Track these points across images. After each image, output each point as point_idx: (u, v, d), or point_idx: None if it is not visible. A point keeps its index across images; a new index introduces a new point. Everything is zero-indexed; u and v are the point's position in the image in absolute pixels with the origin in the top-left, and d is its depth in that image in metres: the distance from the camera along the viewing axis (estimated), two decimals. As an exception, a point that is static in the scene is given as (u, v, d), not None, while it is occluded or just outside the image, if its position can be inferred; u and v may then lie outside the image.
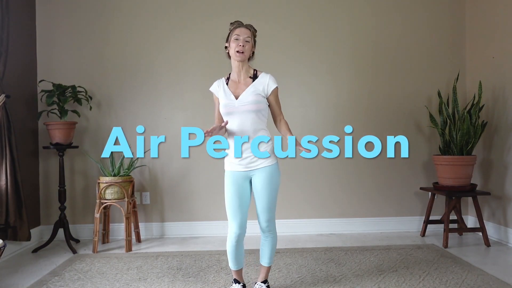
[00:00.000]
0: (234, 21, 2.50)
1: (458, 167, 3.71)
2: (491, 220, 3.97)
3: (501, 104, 3.82)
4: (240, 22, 2.50)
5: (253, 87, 2.46)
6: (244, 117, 2.42)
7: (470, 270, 3.02)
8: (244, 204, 2.48)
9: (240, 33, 2.44)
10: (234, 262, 2.56)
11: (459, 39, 4.32)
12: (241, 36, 2.43)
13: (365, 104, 4.26)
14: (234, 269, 2.59)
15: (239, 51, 2.42)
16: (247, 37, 2.44)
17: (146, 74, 4.17)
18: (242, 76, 2.51)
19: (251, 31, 2.48)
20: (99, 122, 4.15)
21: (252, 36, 2.47)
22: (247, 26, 2.48)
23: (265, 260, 2.59)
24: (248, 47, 2.45)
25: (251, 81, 2.49)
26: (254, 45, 2.52)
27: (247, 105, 2.42)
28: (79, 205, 4.16)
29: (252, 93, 2.43)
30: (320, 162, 4.23)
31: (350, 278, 2.92)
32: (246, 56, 2.45)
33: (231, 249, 2.52)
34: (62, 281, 2.93)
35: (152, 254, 3.55)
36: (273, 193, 2.46)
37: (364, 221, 4.27)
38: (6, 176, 3.38)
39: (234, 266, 2.57)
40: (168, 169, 4.19)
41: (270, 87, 2.47)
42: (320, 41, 4.23)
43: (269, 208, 2.46)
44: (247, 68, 2.52)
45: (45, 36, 4.11)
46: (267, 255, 2.57)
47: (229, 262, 2.58)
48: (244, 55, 2.44)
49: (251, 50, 2.49)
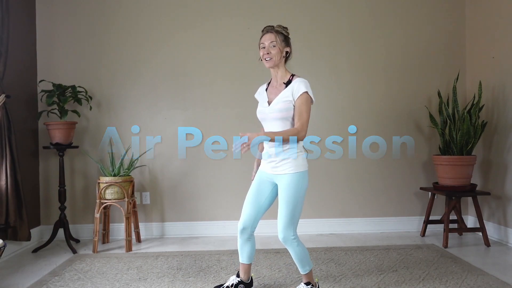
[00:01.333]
0: (263, 28, 2.48)
1: (458, 167, 3.71)
2: (491, 220, 3.97)
3: (501, 104, 3.82)
4: (266, 28, 2.46)
5: (284, 94, 2.43)
6: (273, 124, 2.43)
7: (470, 270, 3.02)
8: (256, 202, 2.51)
9: (264, 40, 2.43)
10: (239, 253, 2.62)
11: (459, 39, 4.32)
12: (266, 42, 2.42)
13: (365, 105, 4.26)
14: (240, 260, 2.64)
15: (265, 58, 2.42)
16: (271, 42, 2.41)
17: (146, 74, 4.17)
18: (278, 81, 2.50)
19: (276, 33, 2.42)
20: (99, 122, 4.15)
21: (278, 39, 2.41)
22: (271, 30, 2.44)
23: (299, 269, 2.53)
24: (275, 51, 2.41)
25: (284, 86, 2.45)
26: (286, 45, 2.46)
27: (274, 113, 2.41)
28: (79, 205, 4.16)
29: (281, 100, 2.41)
30: (320, 162, 4.23)
31: (350, 278, 2.92)
32: (274, 61, 2.42)
33: (238, 240, 2.59)
34: (62, 281, 2.93)
35: (152, 254, 3.55)
36: (289, 203, 2.37)
37: (364, 221, 4.27)
38: (6, 176, 3.38)
39: (239, 257, 2.63)
40: (168, 169, 4.19)
41: (297, 92, 2.38)
42: (320, 41, 4.23)
43: (283, 217, 2.39)
44: (283, 73, 2.49)
45: (45, 36, 4.11)
46: (297, 264, 2.51)
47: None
48: (272, 61, 2.42)
49: (281, 53, 2.43)
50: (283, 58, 2.47)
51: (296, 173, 2.39)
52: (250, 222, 2.52)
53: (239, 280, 2.64)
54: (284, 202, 2.39)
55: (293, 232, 2.41)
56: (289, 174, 2.39)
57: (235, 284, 2.63)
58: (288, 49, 2.48)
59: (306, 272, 2.51)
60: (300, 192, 2.40)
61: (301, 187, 2.40)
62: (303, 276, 2.54)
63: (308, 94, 2.39)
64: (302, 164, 2.41)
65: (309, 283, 2.53)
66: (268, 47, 2.41)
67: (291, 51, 2.50)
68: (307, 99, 2.39)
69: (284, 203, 2.39)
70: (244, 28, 4.14)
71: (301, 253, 2.45)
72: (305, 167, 2.43)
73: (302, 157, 2.42)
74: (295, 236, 2.42)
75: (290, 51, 2.49)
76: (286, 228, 2.39)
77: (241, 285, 2.63)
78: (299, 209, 2.41)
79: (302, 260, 2.47)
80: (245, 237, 2.56)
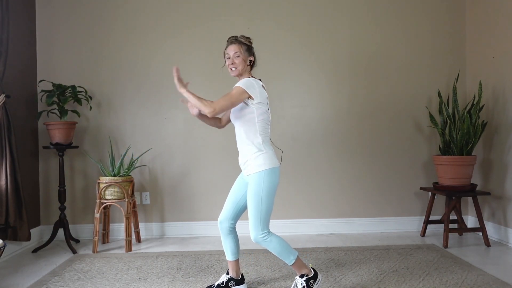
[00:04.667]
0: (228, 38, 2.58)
1: (458, 167, 3.71)
2: (491, 220, 3.97)
3: (501, 104, 3.82)
4: (230, 39, 2.56)
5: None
6: (236, 124, 2.55)
7: (470, 270, 3.02)
8: (232, 200, 2.64)
9: (229, 50, 2.53)
10: (224, 249, 2.71)
11: (459, 39, 4.32)
12: (230, 53, 2.53)
13: (365, 104, 4.25)
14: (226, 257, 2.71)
15: (231, 68, 2.53)
16: (235, 53, 2.51)
17: (146, 74, 4.17)
18: None
19: (240, 44, 2.52)
20: (99, 122, 4.15)
21: (241, 49, 2.51)
22: (235, 41, 2.53)
23: (285, 262, 2.55)
24: (239, 61, 2.51)
25: None
26: (250, 54, 2.55)
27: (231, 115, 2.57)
28: (79, 205, 4.16)
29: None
30: (320, 162, 4.23)
31: (350, 278, 2.92)
32: (239, 70, 2.53)
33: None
34: (62, 281, 2.93)
35: (152, 254, 3.55)
36: (252, 203, 2.42)
37: (364, 221, 4.27)
38: (6, 176, 3.38)
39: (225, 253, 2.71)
40: (168, 169, 4.19)
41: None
42: (319, 41, 4.23)
43: (250, 216, 2.44)
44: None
45: (45, 36, 4.11)
46: (280, 258, 2.54)
47: None
48: (237, 70, 2.53)
49: (244, 63, 2.53)
50: (247, 67, 2.56)
51: (256, 173, 2.44)
52: (226, 217, 2.63)
53: (229, 277, 2.68)
54: (249, 202, 2.45)
55: (262, 230, 2.42)
56: (251, 175, 2.46)
57: (226, 281, 2.67)
58: (252, 58, 2.57)
59: (292, 262, 2.50)
60: (262, 190, 2.42)
61: (262, 185, 2.42)
62: (293, 267, 2.54)
63: (239, 87, 2.43)
64: (263, 163, 2.43)
65: (302, 275, 2.53)
66: (232, 58, 2.51)
67: (255, 60, 2.60)
68: (237, 89, 2.42)
69: (249, 203, 2.46)
70: (244, 28, 4.13)
71: (278, 246, 2.46)
72: (266, 165, 2.43)
73: (262, 156, 2.45)
74: (265, 234, 2.43)
75: (254, 60, 2.59)
76: (254, 228, 2.43)
77: (232, 281, 2.68)
78: (264, 207, 2.42)
79: (283, 253, 2.48)
80: (224, 232, 2.66)
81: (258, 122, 2.48)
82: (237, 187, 2.65)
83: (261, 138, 2.48)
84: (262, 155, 2.45)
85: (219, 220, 2.66)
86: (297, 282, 2.54)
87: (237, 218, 2.67)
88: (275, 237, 2.47)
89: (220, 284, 2.67)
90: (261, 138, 2.48)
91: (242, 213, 2.67)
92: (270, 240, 2.44)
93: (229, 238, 2.66)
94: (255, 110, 2.46)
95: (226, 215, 2.64)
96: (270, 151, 2.49)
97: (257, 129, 2.47)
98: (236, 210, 2.63)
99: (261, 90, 2.49)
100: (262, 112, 2.48)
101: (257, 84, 2.48)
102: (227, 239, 2.67)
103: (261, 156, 2.44)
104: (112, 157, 3.86)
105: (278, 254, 2.48)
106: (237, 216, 2.66)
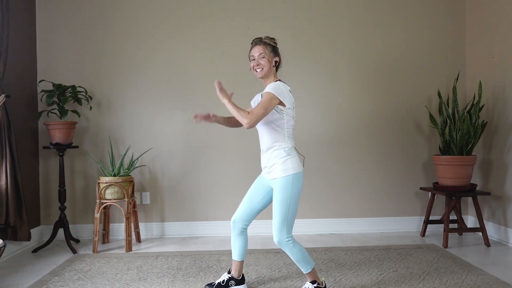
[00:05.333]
0: (253, 40, 2.56)
1: (458, 167, 3.71)
2: (491, 220, 3.97)
3: (501, 104, 3.82)
4: (255, 41, 2.54)
5: (258, 98, 2.56)
6: (260, 129, 2.53)
7: (470, 270, 3.02)
8: (249, 201, 2.61)
9: (254, 52, 2.52)
10: (232, 249, 2.70)
11: (459, 39, 4.32)
12: (255, 54, 2.51)
13: (365, 104, 4.25)
14: (232, 257, 2.71)
15: (256, 69, 2.51)
16: (260, 54, 2.49)
17: (146, 74, 4.17)
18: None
19: (264, 45, 2.50)
20: (99, 122, 4.15)
21: (266, 50, 2.49)
22: (259, 42, 2.52)
23: (302, 269, 2.55)
24: (264, 62, 2.49)
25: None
26: (275, 55, 2.53)
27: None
28: (79, 205, 4.16)
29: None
30: (320, 162, 4.23)
31: (350, 278, 2.92)
32: (265, 71, 2.50)
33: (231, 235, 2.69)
34: (62, 281, 2.93)
35: (152, 254, 3.55)
36: (280, 207, 2.42)
37: (364, 221, 4.27)
38: (6, 176, 3.38)
39: (232, 254, 2.70)
40: (168, 169, 4.19)
41: (264, 92, 2.46)
42: (319, 41, 4.23)
43: (275, 220, 2.44)
44: (271, 82, 2.54)
45: (45, 36, 4.11)
46: (298, 265, 2.54)
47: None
48: (263, 71, 2.50)
49: (270, 64, 2.50)
50: (273, 68, 2.54)
51: (284, 177, 2.43)
52: (240, 217, 2.62)
53: (229, 276, 2.69)
54: (276, 206, 2.44)
55: (287, 234, 2.44)
56: (278, 178, 2.44)
57: (226, 280, 2.69)
58: (277, 58, 2.55)
59: (308, 271, 2.53)
60: (290, 195, 2.43)
61: (290, 190, 2.43)
62: (307, 275, 2.55)
63: (271, 93, 2.40)
64: (292, 167, 2.44)
65: (314, 281, 2.54)
66: (257, 59, 2.50)
67: (280, 60, 2.58)
68: (268, 96, 2.39)
69: (276, 207, 2.45)
70: (244, 28, 4.14)
71: (299, 253, 2.48)
72: (294, 169, 2.44)
73: (290, 160, 2.45)
74: (290, 238, 2.45)
75: (279, 60, 2.57)
76: (279, 231, 2.43)
77: (232, 281, 2.69)
78: (291, 211, 2.44)
79: (302, 261, 2.49)
80: (236, 232, 2.64)
81: (287, 128, 2.48)
82: (255, 189, 2.63)
83: (290, 143, 2.49)
84: (290, 159, 2.45)
85: (233, 219, 2.64)
86: (307, 287, 2.54)
87: (251, 220, 2.65)
88: (298, 243, 2.49)
89: (220, 283, 2.68)
90: (290, 143, 2.49)
91: (256, 215, 2.66)
92: (294, 246, 2.46)
93: (240, 238, 2.65)
94: (285, 116, 2.46)
95: (241, 215, 2.62)
96: (296, 155, 2.50)
97: (286, 134, 2.48)
98: (252, 212, 2.62)
99: (289, 95, 2.48)
100: (290, 118, 2.49)
101: (286, 89, 2.46)
102: (238, 239, 2.65)
103: (289, 161, 2.44)
104: (112, 157, 3.87)
105: (297, 260, 2.49)
106: (252, 218, 2.65)
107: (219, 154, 4.18)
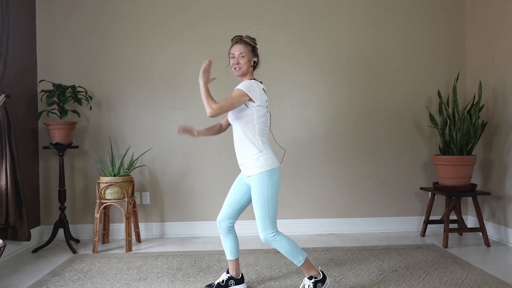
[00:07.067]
0: (232, 37, 2.58)
1: (458, 167, 3.71)
2: (491, 220, 3.97)
3: (501, 104, 3.82)
4: (235, 39, 2.56)
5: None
6: (234, 125, 2.57)
7: (470, 270, 3.02)
8: (231, 200, 2.65)
9: (234, 50, 2.55)
10: (224, 248, 2.74)
11: (459, 39, 4.32)
12: (235, 53, 2.54)
13: (365, 104, 4.25)
14: (226, 257, 2.73)
15: (235, 68, 2.54)
16: (240, 53, 2.52)
17: (146, 74, 4.17)
18: None
19: (245, 44, 2.53)
20: (99, 122, 4.15)
21: (246, 49, 2.52)
22: (240, 41, 2.54)
23: (294, 262, 2.56)
24: (244, 61, 2.52)
25: None
26: (254, 55, 2.56)
27: (230, 115, 2.58)
28: (79, 205, 4.16)
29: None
30: (320, 162, 4.23)
31: (350, 278, 2.92)
32: (243, 70, 2.54)
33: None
34: (62, 281, 2.93)
35: (152, 254, 3.55)
36: (258, 203, 2.45)
37: (364, 221, 4.27)
38: (6, 176, 3.38)
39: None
40: (168, 169, 4.19)
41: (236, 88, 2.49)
42: (319, 41, 4.23)
43: (257, 218, 2.47)
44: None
45: (45, 36, 4.11)
46: (289, 258, 2.55)
47: None
48: (241, 70, 2.54)
49: (249, 63, 2.54)
50: (251, 68, 2.58)
51: (259, 174, 2.45)
52: (224, 216, 2.66)
53: (229, 276, 2.70)
54: (255, 203, 2.47)
55: (271, 230, 2.45)
56: (253, 176, 2.47)
57: (225, 280, 2.69)
58: (256, 59, 2.59)
59: (301, 263, 2.52)
60: (267, 191, 2.44)
61: (266, 186, 2.44)
62: (302, 268, 2.55)
63: (241, 90, 2.43)
64: (264, 164, 2.45)
65: (311, 276, 2.54)
66: (237, 58, 2.53)
67: (258, 61, 2.61)
68: (238, 92, 2.43)
69: (255, 204, 2.47)
70: (244, 28, 4.13)
71: (288, 246, 2.48)
72: (268, 166, 2.45)
73: (263, 157, 2.46)
74: (274, 233, 2.46)
75: (257, 61, 2.61)
76: (263, 229, 2.45)
77: (232, 280, 2.70)
78: (271, 207, 2.45)
79: (292, 253, 2.50)
80: (223, 231, 2.68)
81: (258, 124, 2.50)
82: (236, 187, 2.66)
83: (260, 139, 2.50)
84: (263, 156, 2.47)
85: (218, 220, 2.68)
86: (304, 284, 2.54)
87: (235, 218, 2.68)
88: (284, 236, 2.49)
89: (220, 283, 2.68)
90: (261, 139, 2.50)
91: (240, 212, 2.69)
92: (280, 240, 2.47)
93: (228, 237, 2.69)
94: (255, 112, 2.48)
95: (225, 214, 2.67)
96: (270, 152, 2.51)
97: (256, 130, 2.50)
98: (235, 209, 2.66)
99: (261, 93, 2.51)
100: (261, 115, 2.50)
101: (258, 87, 2.50)
102: (226, 238, 2.69)
103: (262, 157, 2.46)
104: (112, 157, 3.87)
105: (288, 254, 2.50)
106: (236, 215, 2.68)
107: (219, 154, 4.18)
